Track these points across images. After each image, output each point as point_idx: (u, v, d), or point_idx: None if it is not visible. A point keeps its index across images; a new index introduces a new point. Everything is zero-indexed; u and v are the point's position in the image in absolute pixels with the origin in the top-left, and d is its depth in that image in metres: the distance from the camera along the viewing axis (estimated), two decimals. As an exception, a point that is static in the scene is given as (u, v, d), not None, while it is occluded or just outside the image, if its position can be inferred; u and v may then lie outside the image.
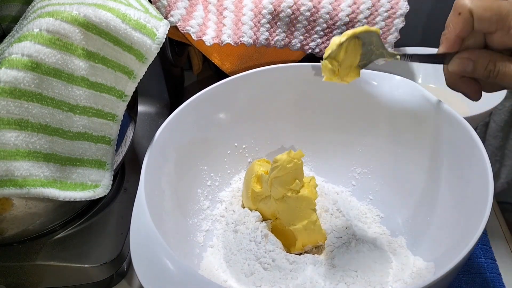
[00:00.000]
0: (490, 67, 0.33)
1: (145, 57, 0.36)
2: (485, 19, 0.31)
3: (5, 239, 0.38)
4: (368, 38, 0.36)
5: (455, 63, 0.34)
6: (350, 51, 0.36)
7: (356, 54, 0.36)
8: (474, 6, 0.32)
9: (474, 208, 0.32)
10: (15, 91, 0.30)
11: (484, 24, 0.32)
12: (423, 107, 0.40)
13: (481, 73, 0.33)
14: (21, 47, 0.30)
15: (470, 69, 0.34)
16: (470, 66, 0.33)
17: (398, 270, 0.38)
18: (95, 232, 0.42)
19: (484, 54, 0.33)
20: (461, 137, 0.36)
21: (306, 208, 0.40)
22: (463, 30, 0.33)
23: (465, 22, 0.32)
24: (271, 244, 0.40)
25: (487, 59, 0.33)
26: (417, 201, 0.42)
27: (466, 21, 0.32)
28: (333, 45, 0.35)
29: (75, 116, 0.34)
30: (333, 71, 0.36)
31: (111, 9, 0.34)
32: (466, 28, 0.33)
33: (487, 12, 0.31)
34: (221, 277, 0.39)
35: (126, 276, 0.44)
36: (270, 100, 0.48)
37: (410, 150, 0.43)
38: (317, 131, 0.49)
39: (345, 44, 0.35)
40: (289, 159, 0.38)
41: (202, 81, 0.72)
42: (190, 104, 0.42)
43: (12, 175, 0.30)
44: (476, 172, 0.33)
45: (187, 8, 0.48)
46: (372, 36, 0.36)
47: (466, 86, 0.35)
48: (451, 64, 0.34)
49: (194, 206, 0.44)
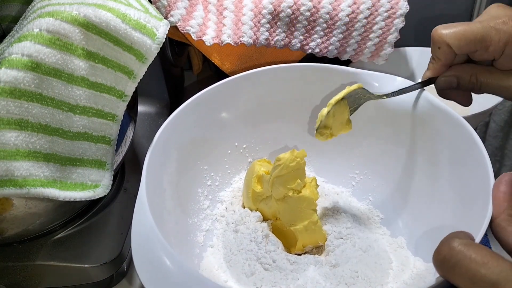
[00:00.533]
0: (473, 80, 0.36)
1: (145, 57, 0.36)
2: (463, 46, 0.34)
3: (5, 239, 0.38)
4: (353, 93, 0.38)
5: (441, 82, 0.37)
6: (338, 114, 0.39)
7: (344, 112, 0.39)
8: (449, 39, 0.34)
9: (474, 209, 0.32)
10: (15, 91, 0.30)
11: (464, 50, 0.35)
12: (423, 108, 0.40)
13: (466, 86, 0.36)
14: (21, 47, 0.30)
15: (455, 84, 0.37)
16: (454, 82, 0.37)
17: (399, 271, 0.38)
18: (95, 232, 0.42)
19: (466, 69, 0.36)
20: (461, 138, 0.36)
21: (307, 208, 0.40)
22: (448, 59, 0.36)
23: (446, 53, 0.35)
24: (272, 245, 0.40)
25: (469, 73, 0.36)
26: (418, 202, 0.42)
27: (447, 53, 0.35)
28: (320, 116, 0.38)
29: (75, 116, 0.34)
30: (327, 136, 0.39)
31: (111, 9, 0.34)
32: (449, 58, 0.36)
33: (462, 41, 0.34)
34: (221, 277, 0.39)
35: (126, 276, 0.44)
36: (270, 100, 0.48)
37: (410, 151, 0.43)
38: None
39: (331, 111, 0.38)
40: (292, 158, 0.38)
41: (202, 81, 0.72)
42: (190, 104, 0.42)
43: (12, 175, 0.30)
44: (476, 172, 0.33)
45: (187, 8, 0.48)
46: (356, 91, 0.38)
47: (456, 96, 0.38)
48: (438, 83, 0.38)
49: (194, 205, 0.44)
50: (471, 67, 0.36)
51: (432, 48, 0.36)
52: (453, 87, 0.37)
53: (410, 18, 0.49)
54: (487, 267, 0.22)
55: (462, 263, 0.23)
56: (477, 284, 0.22)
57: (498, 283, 0.22)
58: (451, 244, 0.24)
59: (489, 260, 0.22)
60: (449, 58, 0.36)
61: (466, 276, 0.23)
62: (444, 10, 0.64)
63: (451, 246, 0.24)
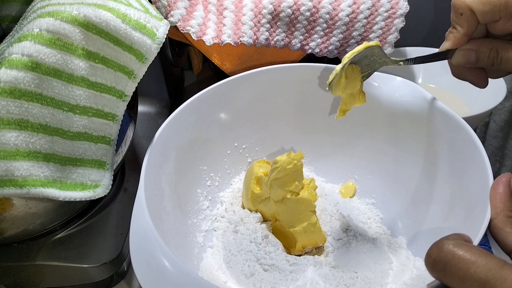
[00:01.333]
0: (493, 55, 0.33)
1: (145, 57, 0.36)
2: (487, 12, 0.32)
3: (5, 239, 0.38)
4: (370, 51, 0.37)
5: (459, 56, 0.35)
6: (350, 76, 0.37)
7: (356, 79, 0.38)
8: (473, 3, 0.32)
9: (474, 209, 0.32)
10: (15, 91, 0.30)
11: (487, 17, 0.32)
12: (423, 109, 0.40)
13: (485, 61, 0.34)
14: (21, 47, 0.30)
15: (473, 59, 0.34)
16: (473, 57, 0.34)
17: (398, 271, 0.38)
18: (95, 232, 0.42)
19: (485, 43, 0.34)
20: (461, 138, 0.36)
21: (305, 210, 0.40)
22: (470, 28, 0.34)
23: (469, 20, 0.33)
24: (272, 245, 0.40)
25: (489, 47, 0.33)
26: (417, 202, 0.42)
27: (470, 20, 0.33)
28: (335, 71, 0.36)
29: (75, 116, 0.34)
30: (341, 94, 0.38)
31: (111, 9, 0.34)
32: (472, 26, 0.33)
33: (487, 6, 0.32)
34: (221, 278, 0.39)
35: (126, 276, 0.44)
36: (270, 100, 0.48)
37: (410, 151, 0.43)
38: (317, 132, 0.49)
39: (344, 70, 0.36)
40: (289, 160, 0.38)
41: (202, 81, 0.72)
42: (190, 104, 0.42)
43: (12, 175, 0.30)
44: (476, 173, 0.33)
45: (187, 8, 0.48)
46: (373, 49, 0.37)
47: (472, 75, 0.36)
48: (455, 58, 0.35)
49: (194, 206, 0.44)
50: (490, 41, 0.34)
51: (453, 15, 0.34)
52: (471, 63, 0.34)
53: (410, 18, 0.49)
54: (476, 266, 0.22)
55: (451, 263, 0.23)
56: (468, 283, 0.22)
57: (488, 281, 0.22)
58: (440, 245, 0.24)
59: (478, 259, 0.22)
60: (472, 26, 0.33)
61: (457, 276, 0.23)
62: (444, 10, 0.64)
63: (441, 248, 0.24)
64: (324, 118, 0.48)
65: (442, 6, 0.63)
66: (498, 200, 0.29)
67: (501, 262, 0.22)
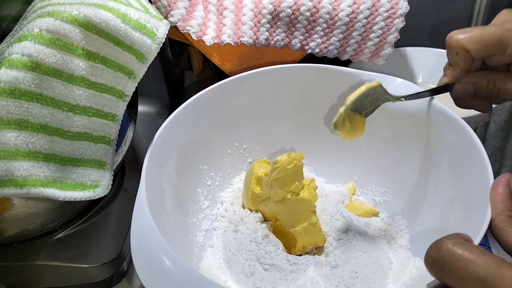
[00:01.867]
0: (490, 86, 0.35)
1: (145, 57, 0.36)
2: (481, 50, 0.34)
3: (5, 239, 0.38)
4: (372, 91, 0.38)
5: (458, 89, 0.36)
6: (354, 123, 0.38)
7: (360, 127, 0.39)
8: (467, 43, 0.34)
9: (474, 209, 0.32)
10: (15, 91, 0.30)
11: (482, 54, 0.34)
12: (423, 109, 0.40)
13: (484, 93, 0.35)
14: (21, 47, 0.30)
15: (471, 91, 0.36)
16: (471, 89, 0.36)
17: (398, 271, 0.38)
18: (95, 232, 0.42)
19: (482, 76, 0.35)
20: (461, 139, 0.36)
21: (306, 210, 0.40)
22: (466, 65, 0.35)
23: (465, 59, 0.35)
24: (272, 245, 0.40)
25: (486, 79, 0.35)
26: (417, 202, 0.42)
27: (465, 58, 0.35)
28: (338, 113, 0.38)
29: (75, 116, 0.34)
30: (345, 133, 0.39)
31: (111, 9, 0.34)
32: (468, 63, 0.35)
33: (480, 44, 0.33)
34: (221, 277, 0.39)
35: (126, 276, 0.44)
36: (270, 100, 0.48)
37: (410, 152, 0.43)
38: (317, 132, 0.49)
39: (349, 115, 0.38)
40: (289, 160, 0.38)
41: (202, 81, 0.72)
42: (190, 104, 0.42)
43: (12, 175, 0.30)
44: (476, 174, 0.33)
45: (187, 8, 0.48)
46: (375, 89, 0.38)
47: (475, 105, 0.37)
48: (454, 91, 0.37)
49: (194, 205, 0.44)
50: (487, 73, 0.35)
51: (449, 54, 0.36)
52: (470, 94, 0.36)
53: (410, 18, 0.49)
54: (475, 264, 0.22)
55: (450, 262, 0.23)
56: (467, 281, 0.22)
57: (486, 280, 0.22)
58: (439, 244, 0.24)
59: (477, 257, 0.22)
60: (468, 63, 0.35)
61: (455, 274, 0.23)
62: (444, 10, 0.64)
63: (440, 247, 0.24)
64: (324, 118, 0.48)
65: (442, 6, 0.63)
66: (498, 201, 0.29)
67: (500, 260, 0.22)
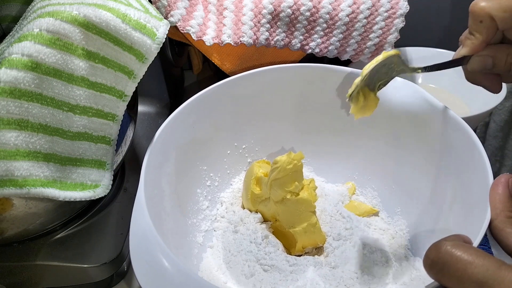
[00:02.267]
0: (510, 60, 0.33)
1: (145, 57, 0.36)
2: (508, 18, 0.31)
3: (5, 239, 0.38)
4: (389, 60, 0.37)
5: (475, 62, 0.34)
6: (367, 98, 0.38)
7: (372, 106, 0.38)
8: (493, 10, 0.32)
9: (474, 210, 0.32)
10: (15, 91, 0.30)
11: (508, 23, 0.32)
12: (423, 109, 0.40)
13: (502, 67, 0.33)
14: (21, 47, 0.30)
15: (490, 65, 0.34)
16: (489, 63, 0.34)
17: (398, 271, 0.38)
18: (95, 232, 0.42)
19: (502, 49, 0.33)
20: (461, 139, 0.36)
21: (305, 210, 0.40)
22: (490, 35, 0.33)
23: (489, 28, 0.33)
24: (272, 246, 0.40)
25: (505, 53, 0.33)
26: (417, 203, 0.42)
27: (490, 27, 0.32)
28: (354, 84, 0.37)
29: (75, 116, 0.34)
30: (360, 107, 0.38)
31: (111, 9, 0.34)
32: (491, 33, 0.33)
33: (508, 12, 0.31)
34: (221, 278, 0.39)
35: (126, 276, 0.44)
36: (270, 100, 0.48)
37: (410, 152, 0.43)
38: (317, 132, 0.49)
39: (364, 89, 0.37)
40: (289, 160, 0.38)
41: (202, 81, 0.72)
42: (190, 104, 0.42)
43: (12, 175, 0.30)
44: (476, 174, 0.33)
45: (187, 8, 0.48)
46: (392, 58, 0.37)
47: (486, 81, 0.35)
48: (471, 64, 0.34)
49: (194, 206, 0.44)
50: (507, 47, 0.33)
51: (471, 22, 0.33)
52: (488, 69, 0.34)
53: (410, 18, 0.49)
54: (474, 266, 0.22)
55: (449, 263, 0.23)
56: (465, 283, 0.22)
57: (485, 282, 0.22)
58: (438, 246, 0.24)
59: (476, 259, 0.22)
60: (491, 33, 0.33)
61: (454, 276, 0.23)
62: (444, 10, 0.64)
63: (439, 249, 0.24)
64: (324, 118, 0.48)
65: (442, 6, 0.63)
66: (498, 201, 0.29)
67: (499, 262, 0.22)
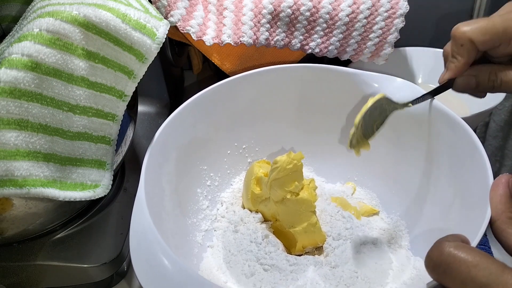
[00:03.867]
0: (492, 78, 0.34)
1: (145, 57, 0.36)
2: (487, 41, 0.33)
3: (5, 239, 0.38)
4: (377, 103, 0.38)
5: (459, 82, 0.36)
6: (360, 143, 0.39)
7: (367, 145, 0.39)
8: (473, 34, 0.33)
9: (474, 210, 0.32)
10: (15, 91, 0.30)
11: (488, 45, 0.33)
12: (423, 109, 0.40)
13: (485, 85, 0.35)
14: (21, 47, 0.30)
15: (473, 84, 0.35)
16: (473, 82, 0.35)
17: (398, 271, 0.38)
18: (95, 232, 0.42)
19: (484, 68, 0.35)
20: (461, 139, 0.36)
21: (305, 210, 0.40)
22: (471, 57, 0.35)
23: (470, 51, 0.34)
24: (272, 245, 0.40)
25: (487, 72, 0.35)
26: (417, 202, 0.42)
27: (470, 50, 0.34)
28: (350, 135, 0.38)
29: (75, 116, 0.34)
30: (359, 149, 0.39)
31: (111, 9, 0.34)
32: (472, 55, 0.35)
33: (486, 35, 0.33)
34: (221, 278, 0.39)
35: (126, 276, 0.44)
36: (270, 100, 0.48)
37: (410, 152, 0.43)
38: (317, 132, 0.49)
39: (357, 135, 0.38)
40: (289, 160, 0.38)
41: (202, 81, 0.72)
42: (190, 104, 0.42)
43: (12, 175, 0.30)
44: (476, 174, 0.33)
45: (187, 8, 0.48)
46: (380, 101, 0.38)
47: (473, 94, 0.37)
48: (456, 85, 0.36)
49: (194, 206, 0.44)
50: (488, 66, 0.35)
51: (453, 46, 0.35)
52: (471, 88, 0.36)
53: (410, 18, 0.49)
54: (478, 269, 0.22)
55: (452, 266, 0.23)
56: (468, 286, 0.22)
57: (489, 285, 0.21)
58: (441, 248, 0.24)
59: (479, 262, 0.22)
60: (472, 56, 0.35)
61: (458, 278, 0.23)
62: (444, 10, 0.64)
63: (441, 250, 0.24)
64: (324, 118, 0.48)
65: (441, 6, 0.63)
66: (499, 202, 0.29)
67: (502, 265, 0.22)
